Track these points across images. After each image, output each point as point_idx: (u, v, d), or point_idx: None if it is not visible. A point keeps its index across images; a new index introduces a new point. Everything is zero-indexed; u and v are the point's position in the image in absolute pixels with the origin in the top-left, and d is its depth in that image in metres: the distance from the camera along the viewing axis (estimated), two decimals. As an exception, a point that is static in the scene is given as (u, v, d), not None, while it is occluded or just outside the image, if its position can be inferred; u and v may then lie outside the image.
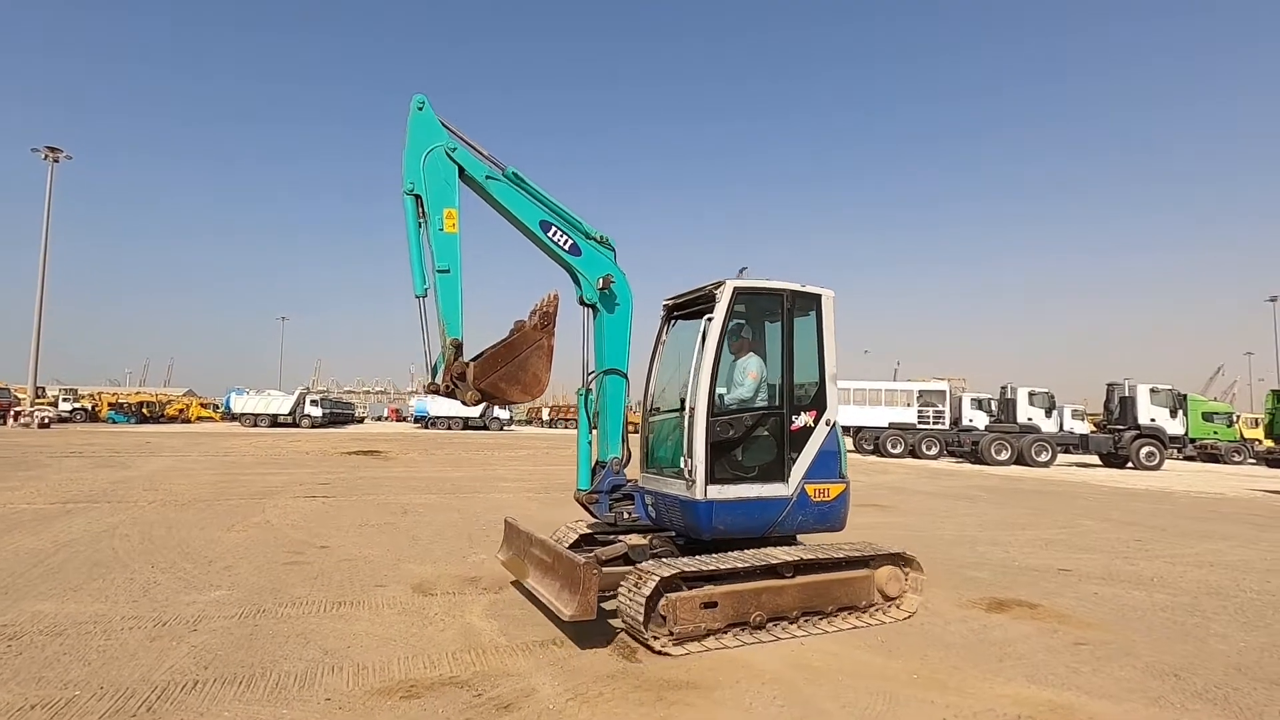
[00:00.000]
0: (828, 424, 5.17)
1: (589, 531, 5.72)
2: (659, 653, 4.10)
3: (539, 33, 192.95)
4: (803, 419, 5.11)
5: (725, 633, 4.40)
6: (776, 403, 5.17)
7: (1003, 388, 28.78)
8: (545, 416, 77.89)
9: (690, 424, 4.82)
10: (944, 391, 30.40)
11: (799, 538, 5.29)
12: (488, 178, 5.46)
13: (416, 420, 60.02)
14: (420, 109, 5.33)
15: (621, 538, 5.43)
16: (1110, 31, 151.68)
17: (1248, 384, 70.97)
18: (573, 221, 5.72)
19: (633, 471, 5.81)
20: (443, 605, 5.12)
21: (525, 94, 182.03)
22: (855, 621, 4.83)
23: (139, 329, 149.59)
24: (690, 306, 5.63)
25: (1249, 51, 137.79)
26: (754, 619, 4.48)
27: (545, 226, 5.59)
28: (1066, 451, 26.03)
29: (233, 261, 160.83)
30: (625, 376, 5.79)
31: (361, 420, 77.03)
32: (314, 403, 52.98)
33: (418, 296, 5.12)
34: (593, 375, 5.77)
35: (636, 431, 5.84)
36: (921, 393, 30.11)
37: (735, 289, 5.02)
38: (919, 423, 29.08)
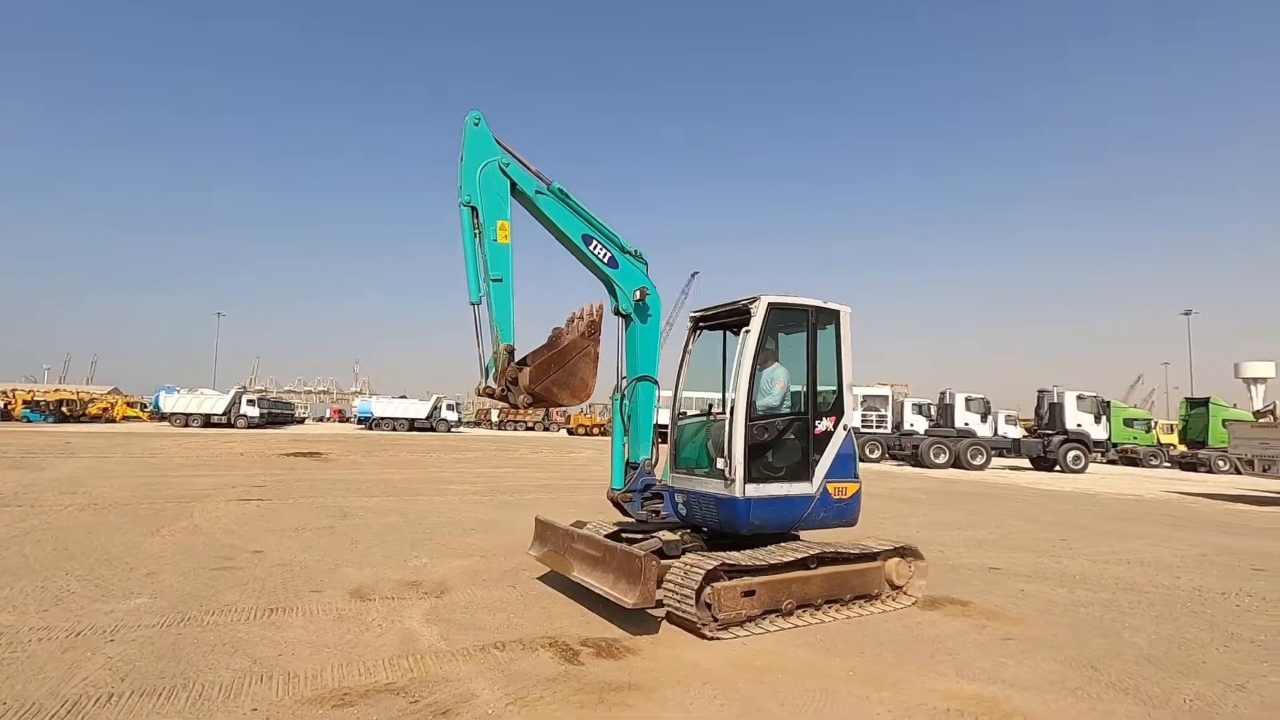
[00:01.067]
0: (845, 429, 5.55)
1: (616, 529, 5.87)
2: (708, 638, 4.44)
3: (528, 33, 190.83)
4: (824, 424, 5.48)
5: (762, 619, 4.79)
6: (802, 409, 5.50)
7: (942, 393, 29.82)
8: (495, 418, 76.93)
9: (730, 428, 5.09)
10: (887, 396, 31.33)
11: (801, 534, 5.63)
12: (537, 192, 5.76)
13: (360, 421, 58.44)
14: (476, 125, 5.53)
15: (655, 533, 5.77)
16: (1047, 50, 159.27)
17: (1164, 392, 75.56)
18: (610, 236, 6.07)
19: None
20: (381, 610, 4.99)
21: (513, 95, 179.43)
22: (870, 608, 5.30)
23: (61, 323, 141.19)
24: (716, 319, 5.92)
25: (1172, 72, 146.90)
26: (785, 606, 4.88)
27: (587, 240, 5.95)
28: (1000, 455, 27.12)
29: (167, 255, 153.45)
30: (656, 383, 6.18)
31: (302, 421, 74.48)
32: (251, 402, 51.00)
33: (473, 304, 5.32)
34: (624, 381, 6.14)
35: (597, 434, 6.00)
36: (865, 397, 30.92)
37: (769, 304, 5.32)
38: (862, 426, 29.86)
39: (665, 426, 6.08)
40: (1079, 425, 26.47)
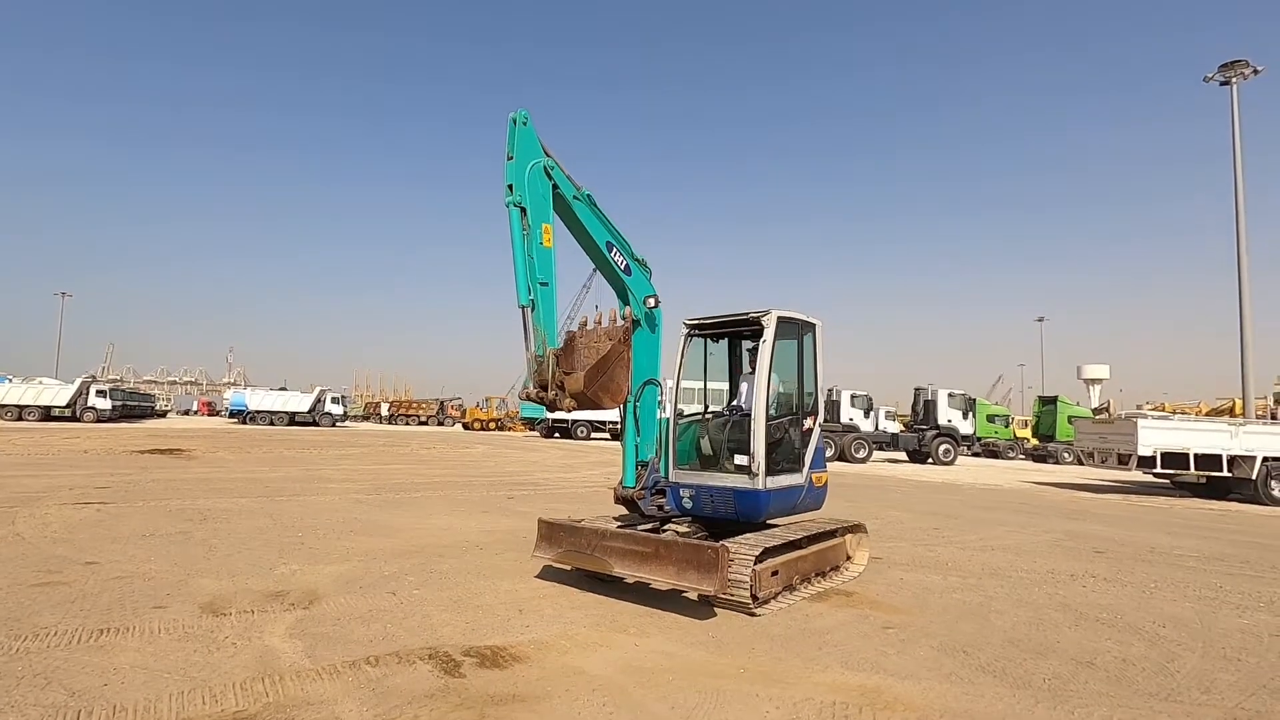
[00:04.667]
0: (820, 426, 6.27)
1: (622, 524, 6.18)
2: (755, 614, 4.99)
3: (515, 35, 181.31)
4: (808, 422, 6.16)
5: (781, 594, 5.37)
6: (795, 410, 6.13)
7: (829, 390, 31.29)
8: (385, 412, 73.51)
9: (752, 428, 5.64)
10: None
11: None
12: (574, 197, 5.98)
13: (233, 415, 53.95)
14: (524, 124, 5.56)
15: (668, 526, 6.34)
16: (926, 71, 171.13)
17: (1020, 391, 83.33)
18: (626, 244, 6.44)
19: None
20: (237, 626, 4.47)
21: (495, 96, 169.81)
22: (839, 577, 6.13)
23: None
24: (711, 329, 6.47)
25: (1041, 95, 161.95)
26: (794, 581, 5.57)
27: (609, 247, 6.30)
28: (881, 449, 28.86)
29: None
30: (660, 385, 6.58)
31: (164, 414, 68.00)
32: (101, 393, 45.74)
33: (522, 306, 5.34)
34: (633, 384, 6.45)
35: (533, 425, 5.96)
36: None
37: (779, 318, 5.90)
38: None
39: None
40: (949, 421, 28.60)
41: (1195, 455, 15.60)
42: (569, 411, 5.70)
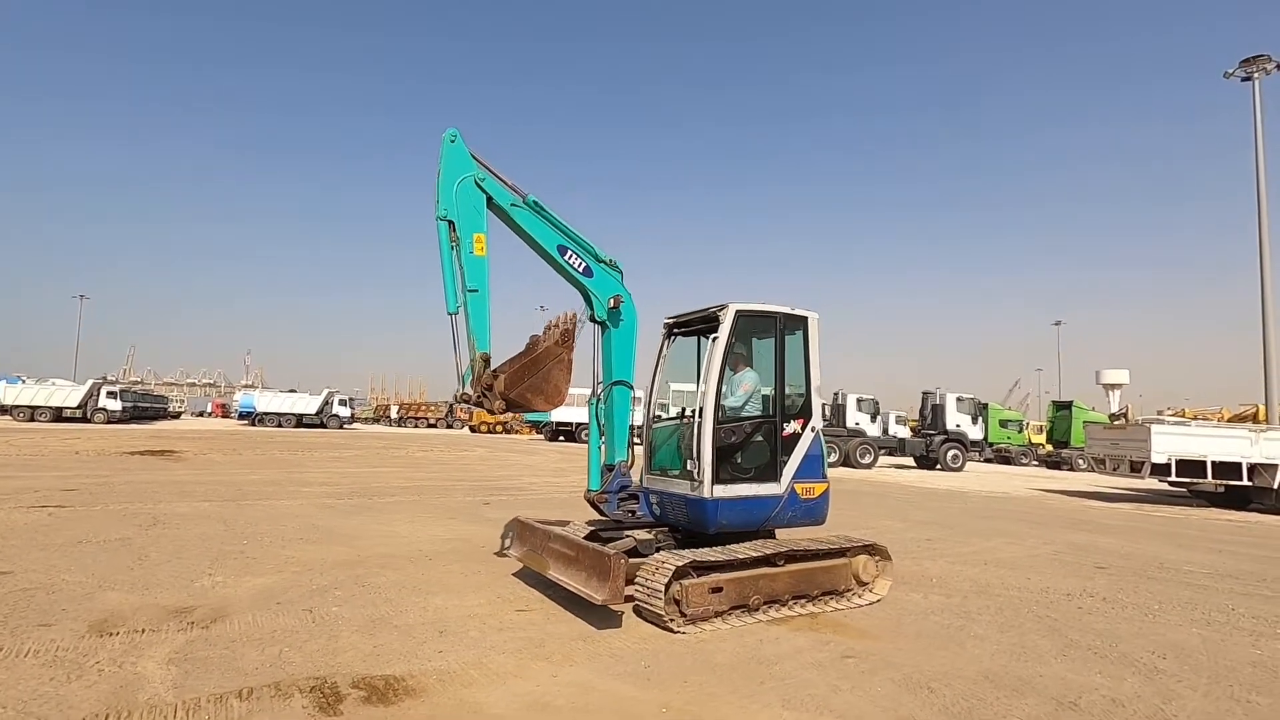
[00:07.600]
0: (813, 431, 5.73)
1: (593, 529, 6.02)
2: (675, 632, 4.60)
3: (509, 33, 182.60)
4: (792, 426, 5.65)
5: (730, 614, 4.91)
6: (770, 412, 5.67)
7: (834, 393, 30.58)
8: (394, 415, 73.62)
9: (698, 431, 5.23)
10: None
11: (776, 532, 5.81)
12: (512, 205, 5.94)
13: (242, 416, 54.14)
14: (452, 141, 5.70)
15: (628, 533, 5.99)
16: (947, 67, 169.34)
17: (1036, 396, 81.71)
18: (586, 246, 6.28)
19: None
20: (117, 649, 4.04)
21: (490, 91, 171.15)
22: (836, 604, 5.43)
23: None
24: (689, 325, 6.14)
25: (1059, 89, 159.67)
26: (753, 602, 5.01)
27: (562, 250, 6.15)
28: (889, 454, 28.11)
29: (24, 227, 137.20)
30: (631, 387, 6.42)
31: (177, 416, 68.43)
32: (112, 394, 46.08)
33: (450, 314, 5.50)
34: (600, 385, 6.38)
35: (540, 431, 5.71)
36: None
37: (737, 312, 5.47)
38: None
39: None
40: (958, 426, 27.79)
41: (1213, 463, 14.83)
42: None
